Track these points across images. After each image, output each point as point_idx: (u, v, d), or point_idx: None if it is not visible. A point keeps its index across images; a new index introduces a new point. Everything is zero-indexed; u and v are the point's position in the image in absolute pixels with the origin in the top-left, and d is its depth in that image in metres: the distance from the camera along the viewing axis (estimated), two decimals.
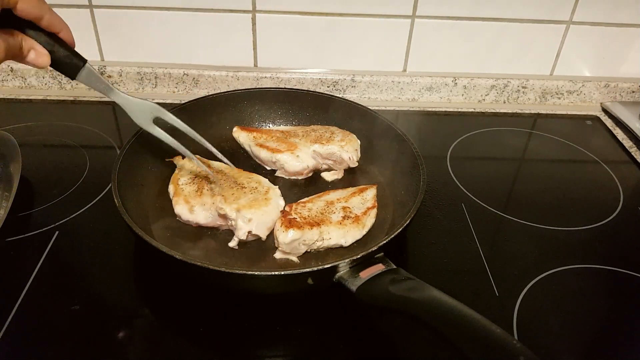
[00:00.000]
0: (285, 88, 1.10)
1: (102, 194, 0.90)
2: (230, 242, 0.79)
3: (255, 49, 1.20)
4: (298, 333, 0.70)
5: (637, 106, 1.25)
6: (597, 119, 1.26)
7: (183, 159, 0.91)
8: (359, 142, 0.97)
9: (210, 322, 0.70)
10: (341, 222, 0.78)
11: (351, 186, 0.90)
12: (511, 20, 1.18)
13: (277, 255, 0.77)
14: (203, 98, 1.01)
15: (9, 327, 0.67)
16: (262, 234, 0.79)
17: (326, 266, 0.65)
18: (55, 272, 0.76)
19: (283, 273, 0.64)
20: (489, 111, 1.26)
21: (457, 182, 0.99)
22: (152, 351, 0.66)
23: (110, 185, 0.77)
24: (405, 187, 0.87)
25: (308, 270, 0.64)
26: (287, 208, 0.80)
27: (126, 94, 0.74)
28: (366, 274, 0.65)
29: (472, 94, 1.27)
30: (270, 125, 1.06)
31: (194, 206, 0.81)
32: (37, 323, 0.68)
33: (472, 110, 1.26)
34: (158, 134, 0.77)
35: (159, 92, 1.24)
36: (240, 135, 0.99)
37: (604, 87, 1.29)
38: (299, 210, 0.79)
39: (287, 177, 0.95)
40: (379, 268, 0.66)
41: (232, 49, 1.20)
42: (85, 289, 0.74)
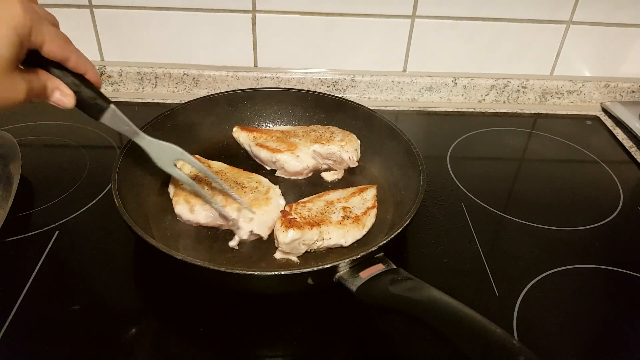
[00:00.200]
0: (285, 88, 1.10)
1: (102, 194, 0.90)
2: (231, 242, 0.79)
3: (255, 49, 1.20)
4: (298, 333, 0.70)
5: (637, 106, 1.25)
6: (597, 119, 1.26)
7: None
8: (359, 142, 0.97)
9: (210, 322, 0.70)
10: (341, 222, 0.78)
11: (351, 186, 0.90)
12: (511, 20, 1.18)
13: (277, 255, 0.77)
14: (203, 98, 1.01)
15: (9, 327, 0.67)
16: (264, 233, 0.79)
17: (326, 266, 0.65)
18: (55, 272, 0.76)
19: (283, 273, 0.64)
20: (489, 111, 1.26)
21: (457, 182, 0.99)
22: (152, 351, 0.66)
23: (110, 185, 0.77)
24: (405, 187, 0.87)
25: (308, 270, 0.64)
26: (287, 208, 0.80)
27: (151, 137, 0.74)
28: (366, 274, 0.65)
29: (472, 94, 1.27)
30: (270, 125, 1.06)
31: (194, 206, 0.81)
32: (37, 323, 0.68)
33: (472, 110, 1.26)
34: (178, 175, 0.78)
35: (159, 92, 1.24)
36: (240, 135, 0.99)
37: (604, 87, 1.29)
38: (299, 210, 0.79)
39: (287, 177, 0.95)
40: (379, 268, 0.66)
41: (232, 49, 1.20)
42: (85, 289, 0.74)
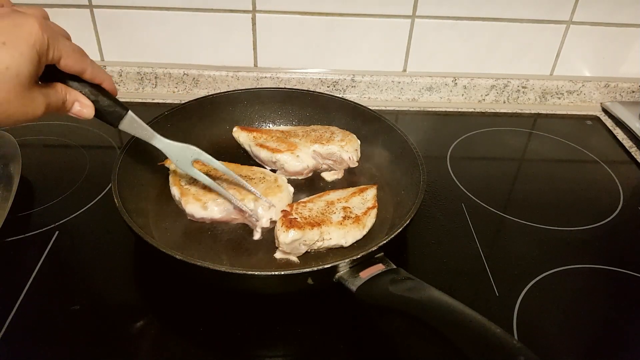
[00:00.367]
0: (285, 88, 1.10)
1: (102, 194, 0.90)
2: (255, 235, 0.80)
3: (255, 49, 1.20)
4: (298, 333, 0.70)
5: (637, 106, 1.25)
6: (597, 119, 1.26)
7: None
8: (359, 142, 0.97)
9: (210, 322, 0.70)
10: (341, 222, 0.78)
11: (351, 186, 0.90)
12: (511, 20, 1.18)
13: (277, 255, 0.77)
14: (203, 98, 1.01)
15: (9, 327, 0.67)
16: None
17: (326, 266, 0.65)
18: (55, 272, 0.76)
19: (283, 273, 0.64)
20: (489, 111, 1.26)
21: (457, 182, 0.99)
22: (152, 351, 0.66)
23: (110, 185, 0.77)
24: (405, 187, 0.87)
25: (308, 270, 0.64)
26: (287, 208, 0.80)
27: (168, 140, 0.75)
28: (366, 274, 0.65)
29: (472, 94, 1.27)
30: (270, 125, 1.06)
31: (206, 202, 0.81)
32: (37, 323, 0.68)
33: (472, 110, 1.26)
34: (197, 175, 0.78)
35: (159, 92, 1.24)
36: (240, 135, 0.99)
37: (604, 87, 1.29)
38: (300, 210, 0.79)
39: (287, 177, 0.95)
40: (379, 268, 0.66)
41: (232, 49, 1.20)
42: (85, 289, 0.74)
